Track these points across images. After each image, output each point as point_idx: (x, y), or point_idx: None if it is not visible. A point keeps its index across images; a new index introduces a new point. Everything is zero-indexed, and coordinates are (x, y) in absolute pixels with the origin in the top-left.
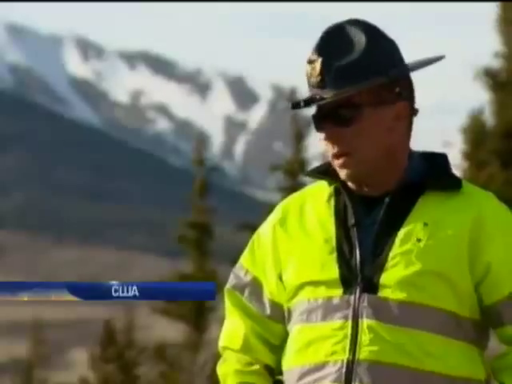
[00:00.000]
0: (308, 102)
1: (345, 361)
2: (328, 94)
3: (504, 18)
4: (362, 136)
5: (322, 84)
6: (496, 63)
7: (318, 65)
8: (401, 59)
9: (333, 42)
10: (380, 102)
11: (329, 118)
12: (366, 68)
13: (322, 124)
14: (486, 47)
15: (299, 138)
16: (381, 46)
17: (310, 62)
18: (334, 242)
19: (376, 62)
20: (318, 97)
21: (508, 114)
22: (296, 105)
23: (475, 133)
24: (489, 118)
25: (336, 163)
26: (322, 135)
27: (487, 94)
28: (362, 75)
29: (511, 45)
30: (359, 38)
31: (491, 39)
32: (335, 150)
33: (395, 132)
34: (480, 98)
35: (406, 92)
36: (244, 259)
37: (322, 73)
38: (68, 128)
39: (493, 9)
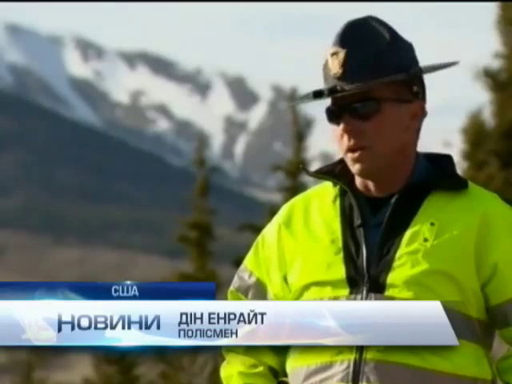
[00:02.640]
0: (332, 92)
1: (352, 360)
2: (350, 86)
3: (504, 18)
4: (380, 131)
5: (343, 75)
6: (496, 63)
7: (341, 56)
8: (417, 60)
9: (356, 35)
10: (399, 100)
11: (347, 111)
12: (388, 63)
13: (339, 116)
14: (486, 47)
15: (299, 138)
16: (401, 43)
17: (333, 54)
18: (340, 243)
19: (397, 58)
20: (338, 87)
21: (508, 114)
22: (318, 94)
23: (475, 133)
24: (488, 119)
25: (350, 157)
26: (338, 128)
27: (487, 94)
28: (384, 70)
29: (511, 45)
30: (382, 33)
31: (491, 39)
32: (351, 143)
33: (409, 131)
34: (480, 98)
35: (422, 93)
36: (248, 261)
37: (345, 64)
38: (68, 128)
39: (493, 9)
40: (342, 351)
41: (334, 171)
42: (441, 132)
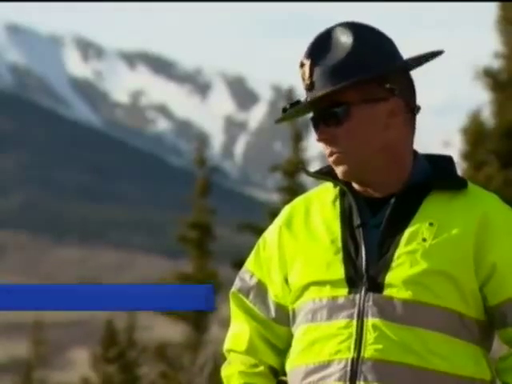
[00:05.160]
0: (294, 105)
1: (349, 359)
2: (314, 96)
3: (504, 18)
4: (353, 135)
5: (311, 86)
6: (496, 63)
7: (307, 68)
8: (393, 56)
9: (320, 45)
10: (369, 100)
11: (321, 119)
12: (351, 67)
13: (316, 125)
14: (486, 47)
15: (298, 138)
16: (368, 44)
17: (301, 65)
18: (339, 243)
19: (362, 60)
20: (308, 99)
21: (508, 114)
22: (284, 110)
23: (475, 133)
24: (488, 119)
25: (330, 160)
26: (315, 136)
27: (487, 94)
28: (348, 74)
29: (511, 45)
30: (346, 39)
31: (491, 39)
32: (328, 150)
33: (391, 129)
34: (480, 98)
35: (400, 88)
36: (249, 262)
37: (310, 75)
38: (68, 128)
39: (493, 9)
40: (340, 350)
41: (334, 172)
42: (441, 132)
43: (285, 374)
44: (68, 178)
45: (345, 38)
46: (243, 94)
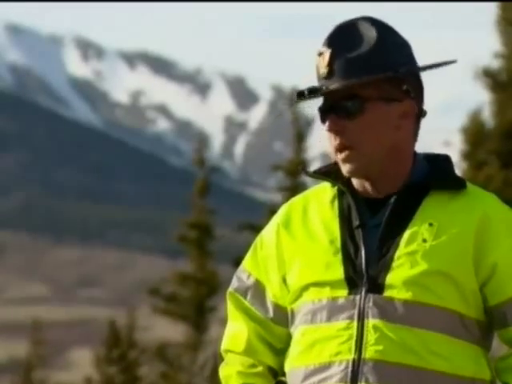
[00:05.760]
0: (313, 92)
1: (350, 360)
2: (334, 85)
3: (504, 18)
4: (365, 130)
5: (329, 75)
6: (496, 63)
7: (326, 56)
8: (411, 58)
9: (343, 36)
10: (386, 98)
11: (333, 110)
12: (373, 62)
13: (326, 115)
14: (486, 47)
15: (300, 138)
16: (391, 42)
17: (320, 53)
18: (338, 243)
19: (384, 57)
20: (324, 87)
21: (508, 114)
22: (300, 94)
23: (475, 133)
24: (488, 119)
25: (339, 157)
26: (325, 126)
27: (487, 94)
28: (369, 69)
29: (511, 45)
30: (369, 33)
31: (491, 39)
32: (337, 142)
33: (401, 130)
34: (480, 98)
35: (415, 91)
36: (246, 262)
37: (330, 64)
38: (68, 128)
39: (493, 9)
40: (340, 352)
41: (333, 171)
42: (441, 132)
43: (284, 374)
44: (68, 178)
45: (368, 33)
46: (243, 94)
